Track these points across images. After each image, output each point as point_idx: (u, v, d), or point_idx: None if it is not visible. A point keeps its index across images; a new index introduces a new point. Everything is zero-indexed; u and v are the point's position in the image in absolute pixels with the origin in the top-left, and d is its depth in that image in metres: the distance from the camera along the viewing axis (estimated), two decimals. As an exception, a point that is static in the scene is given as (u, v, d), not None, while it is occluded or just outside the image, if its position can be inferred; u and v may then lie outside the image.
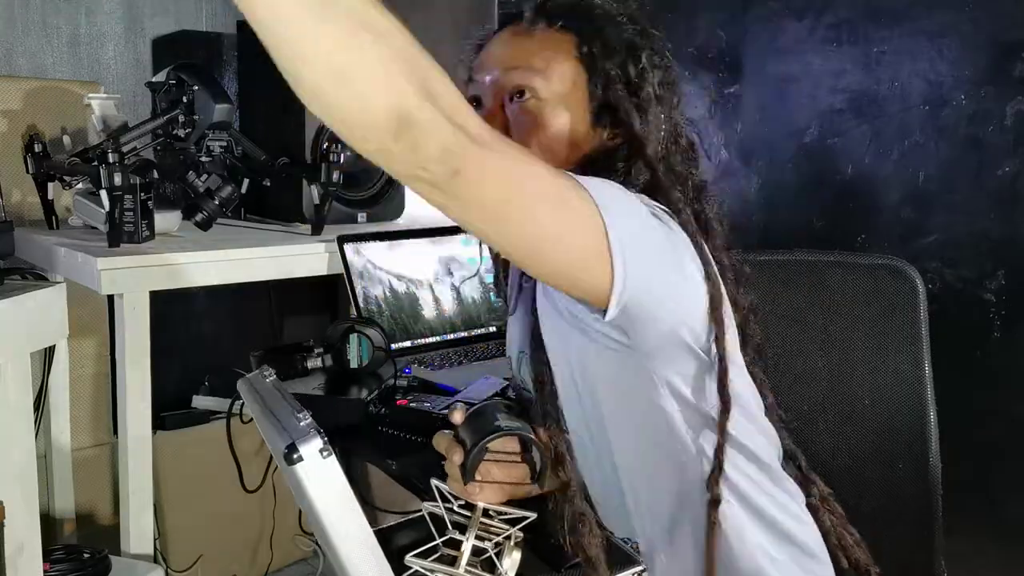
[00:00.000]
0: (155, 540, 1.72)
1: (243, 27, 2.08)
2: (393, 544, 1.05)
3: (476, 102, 1.01)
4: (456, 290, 1.92)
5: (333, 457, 0.79)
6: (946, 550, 1.28)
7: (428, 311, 1.86)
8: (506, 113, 0.97)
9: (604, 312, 0.81)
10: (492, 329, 1.94)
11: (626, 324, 0.84)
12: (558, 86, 0.95)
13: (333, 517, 0.79)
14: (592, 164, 0.94)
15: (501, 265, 1.15)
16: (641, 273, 0.81)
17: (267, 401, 0.94)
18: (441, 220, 2.28)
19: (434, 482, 0.95)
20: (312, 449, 0.77)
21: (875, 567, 1.04)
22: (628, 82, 0.96)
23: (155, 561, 1.65)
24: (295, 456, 0.77)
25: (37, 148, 1.69)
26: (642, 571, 0.92)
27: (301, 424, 0.80)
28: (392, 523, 1.10)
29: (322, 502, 0.79)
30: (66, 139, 1.80)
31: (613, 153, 0.96)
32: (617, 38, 0.98)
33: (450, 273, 1.93)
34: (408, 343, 1.80)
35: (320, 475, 0.78)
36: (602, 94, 0.96)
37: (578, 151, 0.96)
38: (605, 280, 0.79)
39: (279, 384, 0.98)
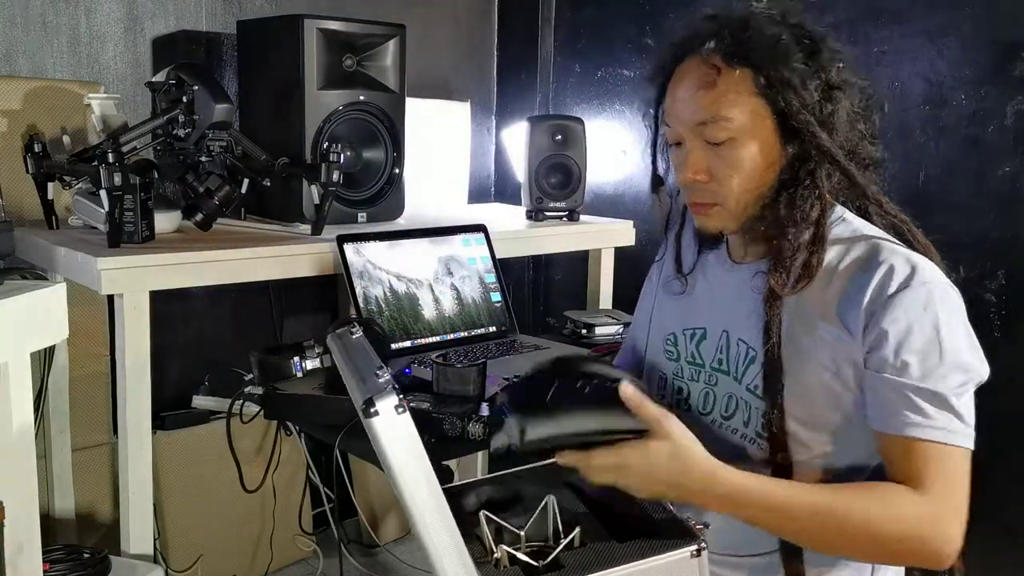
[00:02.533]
0: (155, 540, 1.73)
1: (243, 27, 2.09)
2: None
3: (676, 143, 1.12)
4: (456, 290, 1.92)
5: (407, 414, 0.84)
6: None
7: (428, 311, 1.86)
8: (706, 152, 1.08)
9: None
10: (492, 329, 1.94)
11: None
12: (747, 124, 1.05)
13: (404, 468, 0.85)
14: (788, 177, 1.06)
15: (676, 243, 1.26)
16: None
17: (352, 356, 1.00)
18: (441, 220, 2.28)
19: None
20: (388, 405, 0.83)
21: None
22: (805, 103, 1.04)
23: (155, 561, 1.65)
24: (372, 410, 0.83)
25: (37, 148, 1.69)
26: (700, 548, 0.94)
27: (380, 381, 0.88)
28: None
29: (394, 454, 0.84)
30: (66, 139, 1.80)
31: (800, 164, 1.06)
32: (787, 64, 1.04)
33: (450, 273, 1.93)
34: (408, 343, 1.79)
35: (393, 429, 0.84)
36: (785, 121, 1.05)
37: (772, 171, 1.07)
38: None
39: (364, 341, 1.03)
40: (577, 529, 0.98)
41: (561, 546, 0.96)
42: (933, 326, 1.00)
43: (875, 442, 1.03)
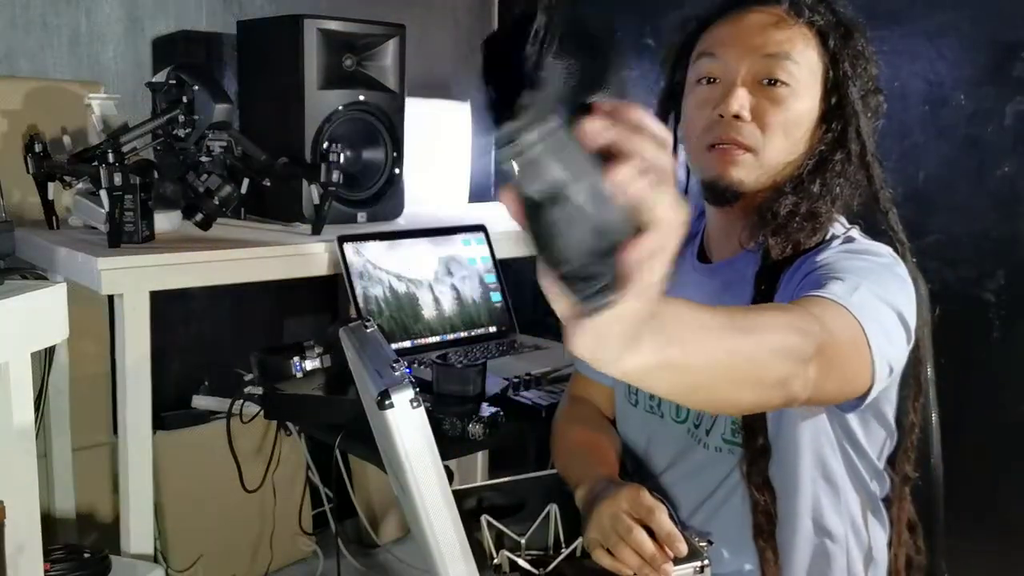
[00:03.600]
0: (155, 540, 1.72)
1: (243, 27, 2.08)
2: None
3: (708, 79, 1.07)
4: (456, 290, 1.92)
5: (422, 408, 0.83)
6: (946, 550, 1.28)
7: (428, 311, 1.86)
8: (756, 91, 1.04)
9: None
10: (492, 329, 1.94)
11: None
12: (807, 79, 1.03)
13: (415, 463, 0.83)
14: (818, 156, 1.05)
15: None
16: (894, 366, 0.93)
17: (365, 349, 0.97)
18: (441, 220, 2.28)
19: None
20: (403, 398, 0.82)
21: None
22: (856, 82, 1.04)
23: (155, 561, 1.65)
24: (387, 402, 0.81)
25: (37, 148, 1.69)
26: (704, 565, 0.93)
27: (396, 374, 0.86)
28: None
29: (406, 448, 0.83)
30: (66, 139, 1.80)
31: (835, 150, 1.05)
32: (854, 40, 1.05)
33: (450, 273, 1.93)
34: (408, 343, 1.79)
35: (407, 423, 0.83)
36: (837, 90, 1.04)
37: (807, 143, 1.05)
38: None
39: (379, 335, 1.02)
40: (579, 540, 0.97)
41: (562, 555, 0.95)
42: (865, 263, 0.97)
43: None
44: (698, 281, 1.16)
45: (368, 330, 1.05)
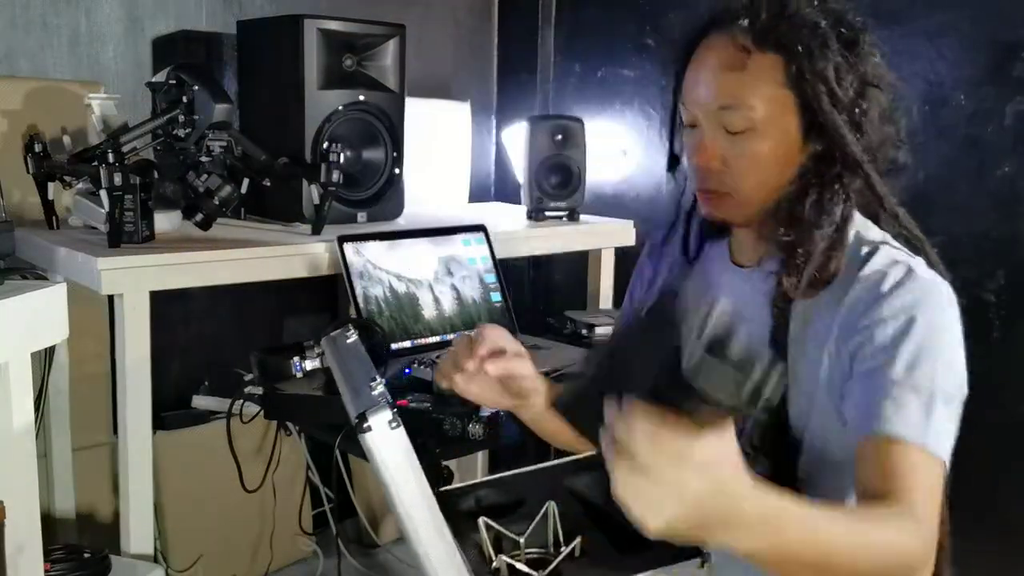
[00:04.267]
0: (155, 540, 1.73)
1: (243, 27, 2.09)
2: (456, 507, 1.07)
3: (693, 125, 1.06)
4: (456, 290, 1.92)
5: (401, 428, 0.83)
6: (946, 550, 1.28)
7: (428, 311, 1.86)
8: (722, 139, 1.02)
9: None
10: (492, 329, 1.94)
11: None
12: (770, 115, 0.99)
13: (398, 483, 0.84)
14: (806, 176, 1.01)
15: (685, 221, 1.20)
16: None
17: (345, 363, 0.97)
18: (441, 220, 2.27)
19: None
20: (381, 420, 0.82)
21: None
22: (837, 100, 0.98)
23: (155, 561, 1.66)
24: (364, 426, 0.82)
25: (37, 148, 1.69)
26: (705, 560, 0.93)
27: (374, 393, 0.84)
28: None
29: (387, 469, 0.83)
30: (66, 139, 1.80)
31: (824, 165, 1.01)
32: (823, 55, 0.98)
33: (450, 273, 1.93)
34: (408, 343, 1.79)
35: (387, 444, 0.83)
36: (812, 115, 0.99)
37: (791, 167, 1.02)
38: None
39: (359, 346, 1.01)
40: (578, 539, 0.97)
41: (561, 556, 0.95)
42: (927, 326, 0.94)
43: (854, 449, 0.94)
44: (731, 283, 1.13)
45: (349, 340, 1.04)
